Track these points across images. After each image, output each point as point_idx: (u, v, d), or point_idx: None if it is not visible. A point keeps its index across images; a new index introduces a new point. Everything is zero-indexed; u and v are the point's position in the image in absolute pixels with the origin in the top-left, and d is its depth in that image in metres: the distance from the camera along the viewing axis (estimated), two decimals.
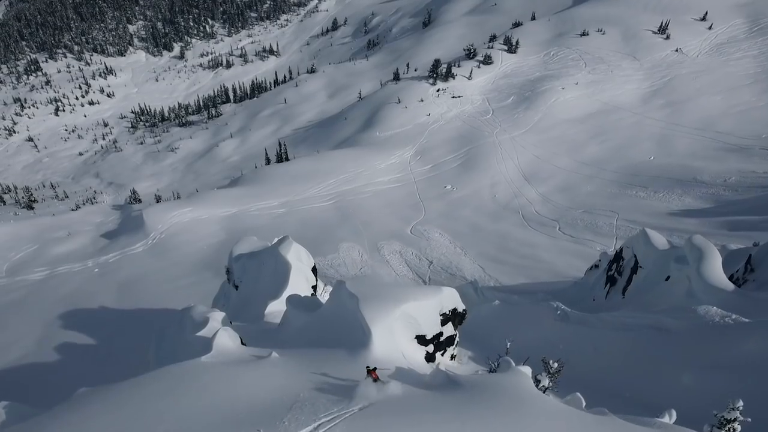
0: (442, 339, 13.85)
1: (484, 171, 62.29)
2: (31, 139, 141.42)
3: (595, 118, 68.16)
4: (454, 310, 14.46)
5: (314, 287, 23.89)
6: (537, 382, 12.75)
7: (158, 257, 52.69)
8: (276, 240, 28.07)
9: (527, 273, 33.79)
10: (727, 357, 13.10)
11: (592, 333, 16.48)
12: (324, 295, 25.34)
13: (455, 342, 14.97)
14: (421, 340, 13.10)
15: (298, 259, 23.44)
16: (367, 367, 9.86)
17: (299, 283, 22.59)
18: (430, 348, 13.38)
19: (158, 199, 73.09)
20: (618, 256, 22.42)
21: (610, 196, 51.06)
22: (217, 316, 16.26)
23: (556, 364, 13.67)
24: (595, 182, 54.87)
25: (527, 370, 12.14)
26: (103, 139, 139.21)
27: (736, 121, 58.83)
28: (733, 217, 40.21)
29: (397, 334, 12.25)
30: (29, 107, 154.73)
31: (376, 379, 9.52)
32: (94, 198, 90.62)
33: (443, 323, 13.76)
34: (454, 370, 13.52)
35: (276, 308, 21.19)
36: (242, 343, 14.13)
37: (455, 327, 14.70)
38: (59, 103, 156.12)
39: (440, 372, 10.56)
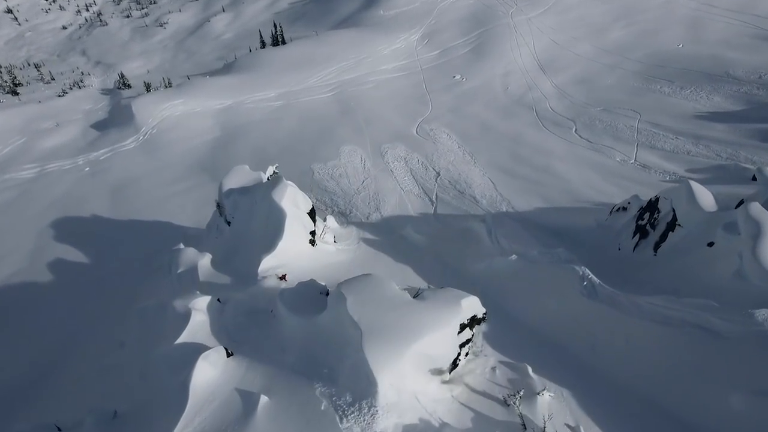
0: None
1: (497, 58, 57.53)
2: (10, 11, 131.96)
3: None
4: (474, 317, 12.55)
5: (313, 233, 21.88)
6: None
7: (150, 156, 50.21)
8: (269, 170, 25.63)
9: (542, 192, 31.45)
10: None
11: (624, 320, 14.64)
12: (324, 236, 23.42)
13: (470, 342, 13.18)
14: (436, 371, 11.31)
15: (294, 205, 21.18)
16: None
17: (295, 232, 20.58)
18: (446, 377, 11.62)
19: (148, 88, 68.78)
20: (652, 205, 19.99)
21: (632, 90, 47.15)
22: (201, 303, 14.41)
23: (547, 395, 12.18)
24: (616, 73, 50.60)
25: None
26: (87, 10, 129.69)
27: None
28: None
29: (408, 376, 10.43)
30: None
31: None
32: (81, 81, 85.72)
33: (459, 331, 11.87)
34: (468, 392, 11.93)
35: (271, 264, 19.36)
36: (228, 354, 12.38)
37: (472, 328, 12.85)
38: None
39: None
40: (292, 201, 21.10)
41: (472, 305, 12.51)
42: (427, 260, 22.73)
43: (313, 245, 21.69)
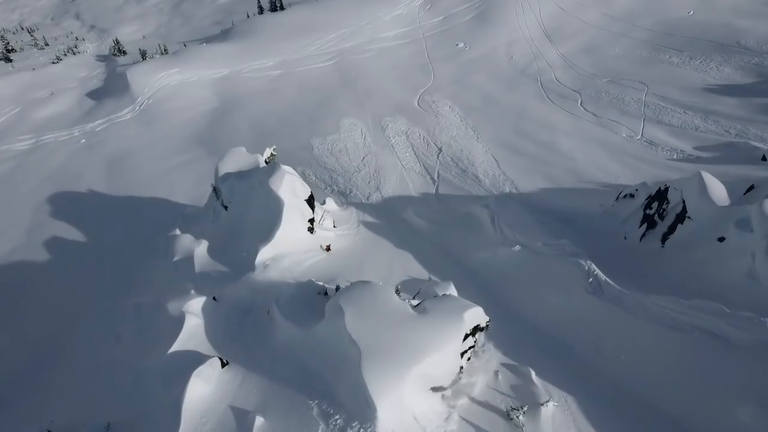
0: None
1: (501, 25, 55.93)
2: None
3: None
4: (477, 326, 12.13)
5: (311, 220, 21.34)
6: None
7: (146, 128, 49.28)
8: (267, 152, 24.94)
9: (546, 172, 30.73)
10: None
11: (631, 322, 14.24)
12: (323, 223, 22.89)
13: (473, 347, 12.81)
14: (438, 388, 10.94)
15: (292, 193, 20.57)
16: None
17: (293, 221, 20.04)
18: (448, 392, 11.25)
19: (143, 55, 67.12)
20: (661, 195, 19.34)
21: (640, 61, 45.88)
22: (196, 305, 13.97)
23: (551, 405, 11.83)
24: (624, 42, 49.19)
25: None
26: None
27: None
28: None
29: (408, 398, 10.05)
30: None
31: None
32: (75, 47, 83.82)
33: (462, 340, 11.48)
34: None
35: (269, 254, 18.90)
36: (223, 363, 12.01)
37: (474, 335, 12.45)
38: None
39: None
40: (290, 189, 20.50)
41: (475, 316, 12.10)
42: (428, 247, 22.28)
43: (312, 233, 21.20)
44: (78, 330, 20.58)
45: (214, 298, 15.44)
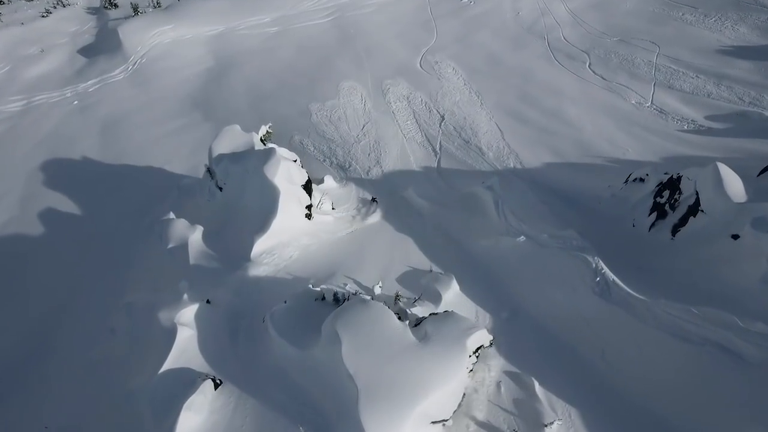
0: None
1: None
2: None
3: None
4: (480, 346, 11.67)
5: (309, 206, 20.65)
6: None
7: (140, 89, 47.80)
8: (263, 130, 24.04)
9: (551, 144, 29.72)
10: None
11: (640, 328, 13.76)
12: (322, 206, 22.21)
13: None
14: (439, 420, 10.55)
15: (288, 180, 19.78)
16: None
17: (290, 209, 19.34)
18: (450, 422, 10.86)
19: (135, 9, 64.53)
20: (673, 184, 18.50)
21: (651, 18, 44.06)
22: (188, 314, 13.50)
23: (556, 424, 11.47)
24: None
25: None
26: None
27: None
28: None
29: None
30: None
31: None
32: None
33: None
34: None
35: (265, 246, 18.36)
36: (216, 383, 11.63)
37: (476, 352, 12.02)
38: None
39: None
40: (286, 176, 19.73)
41: (478, 339, 11.65)
42: (429, 231, 21.68)
43: (309, 218, 20.58)
44: (72, 318, 20.25)
45: (207, 301, 15.00)
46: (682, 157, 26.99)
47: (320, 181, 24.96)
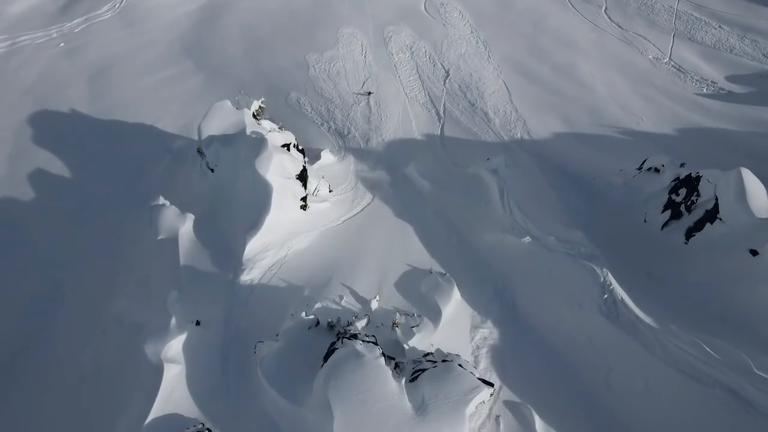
0: None
1: None
2: None
3: None
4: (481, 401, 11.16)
5: (304, 198, 19.58)
6: None
7: (129, 30, 45.18)
8: (255, 105, 22.63)
9: (561, 108, 28.05)
10: None
11: (646, 358, 13.21)
12: (318, 193, 21.12)
13: None
14: None
15: (282, 174, 18.57)
16: None
17: (284, 203, 18.26)
18: None
19: None
20: (691, 183, 17.36)
21: None
22: (176, 347, 12.93)
23: None
24: None
25: None
26: None
27: None
28: None
29: None
30: None
31: None
32: None
33: None
34: None
35: (258, 244, 17.54)
36: None
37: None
38: None
39: None
40: (279, 170, 18.56)
41: (480, 398, 11.12)
42: (430, 219, 20.73)
43: (305, 209, 19.63)
44: (64, 311, 19.77)
45: (197, 323, 14.43)
46: (697, 130, 25.58)
47: (317, 158, 23.72)
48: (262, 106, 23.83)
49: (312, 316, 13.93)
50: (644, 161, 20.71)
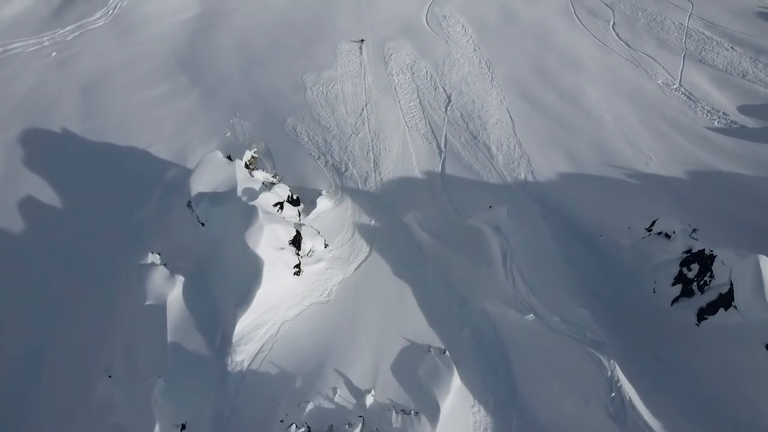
0: None
1: None
2: None
3: None
4: None
5: (298, 265, 18.74)
6: None
7: (122, 40, 43.97)
8: (247, 156, 21.73)
9: (566, 143, 26.93)
10: None
11: None
12: (312, 253, 20.27)
13: None
14: None
15: (274, 246, 17.74)
16: None
17: (276, 274, 17.42)
18: None
19: None
20: (704, 259, 16.48)
21: None
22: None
23: None
24: None
25: None
26: None
27: None
28: None
29: None
30: None
31: None
32: None
33: None
34: None
35: (248, 321, 16.79)
36: None
37: None
38: None
39: None
40: (271, 243, 17.71)
41: None
42: (430, 279, 19.95)
43: (299, 274, 18.84)
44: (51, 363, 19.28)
45: (183, 427, 13.77)
46: (708, 173, 24.57)
47: (313, 203, 22.84)
48: (255, 156, 22.90)
49: (303, 429, 13.24)
50: (653, 222, 19.79)
